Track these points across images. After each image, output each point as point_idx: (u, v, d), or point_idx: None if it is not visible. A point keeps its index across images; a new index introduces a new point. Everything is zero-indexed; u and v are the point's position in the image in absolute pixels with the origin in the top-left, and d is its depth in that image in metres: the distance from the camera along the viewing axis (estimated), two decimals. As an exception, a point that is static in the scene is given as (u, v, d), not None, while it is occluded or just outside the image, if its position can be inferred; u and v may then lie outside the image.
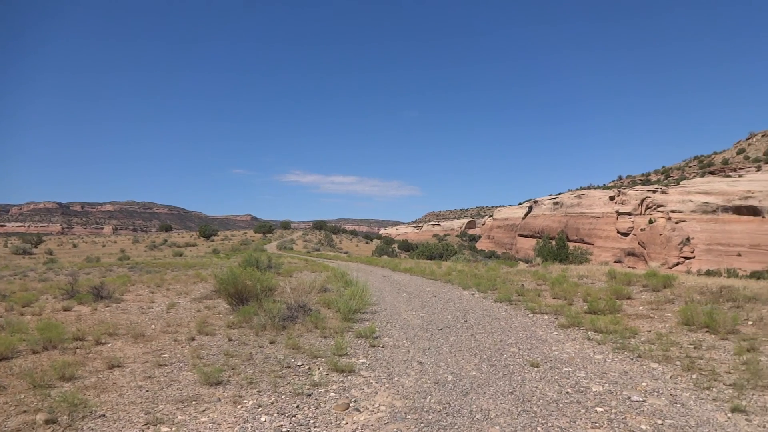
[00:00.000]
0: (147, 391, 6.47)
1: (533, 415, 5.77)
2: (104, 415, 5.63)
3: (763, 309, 10.66)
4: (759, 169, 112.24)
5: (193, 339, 9.25)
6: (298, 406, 6.00)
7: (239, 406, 5.98)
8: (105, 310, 12.50)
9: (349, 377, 7.14)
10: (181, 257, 50.04)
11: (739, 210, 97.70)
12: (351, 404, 6.10)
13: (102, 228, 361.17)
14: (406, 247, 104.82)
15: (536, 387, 6.72)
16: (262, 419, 5.64)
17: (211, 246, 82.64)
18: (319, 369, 7.46)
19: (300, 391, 6.46)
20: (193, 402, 6.09)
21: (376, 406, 6.07)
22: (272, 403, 6.10)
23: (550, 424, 5.51)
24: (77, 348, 8.48)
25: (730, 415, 5.72)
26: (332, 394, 6.47)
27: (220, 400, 6.16)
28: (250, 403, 6.09)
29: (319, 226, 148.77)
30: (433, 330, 10.42)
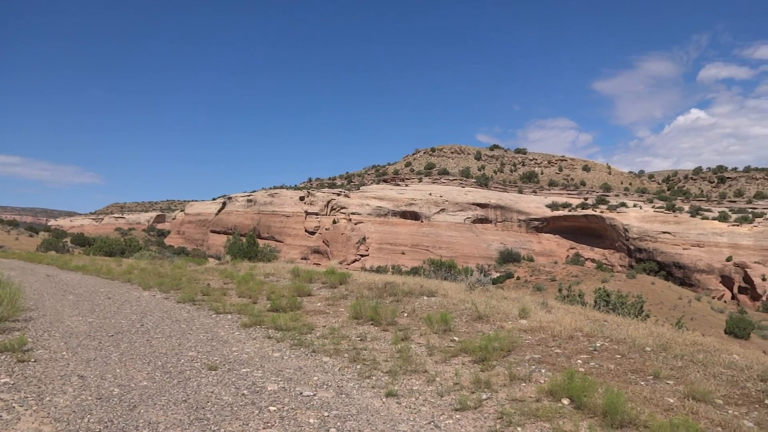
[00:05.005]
0: None
1: (206, 422, 5.57)
2: None
3: (415, 302, 12.44)
4: (420, 180, 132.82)
5: None
6: None
7: None
8: None
9: (-17, 403, 5.85)
10: None
11: (404, 214, 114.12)
12: (-20, 438, 4.99)
13: None
14: (82, 241, 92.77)
15: (212, 392, 6.53)
16: None
17: None
18: (-63, 397, 5.93)
19: None
20: None
21: (16, 435, 5.09)
22: None
23: (222, 430, 5.39)
24: None
25: (385, 400, 6.45)
26: (-46, 427, 5.20)
27: None
28: None
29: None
30: (102, 337, 9.32)
